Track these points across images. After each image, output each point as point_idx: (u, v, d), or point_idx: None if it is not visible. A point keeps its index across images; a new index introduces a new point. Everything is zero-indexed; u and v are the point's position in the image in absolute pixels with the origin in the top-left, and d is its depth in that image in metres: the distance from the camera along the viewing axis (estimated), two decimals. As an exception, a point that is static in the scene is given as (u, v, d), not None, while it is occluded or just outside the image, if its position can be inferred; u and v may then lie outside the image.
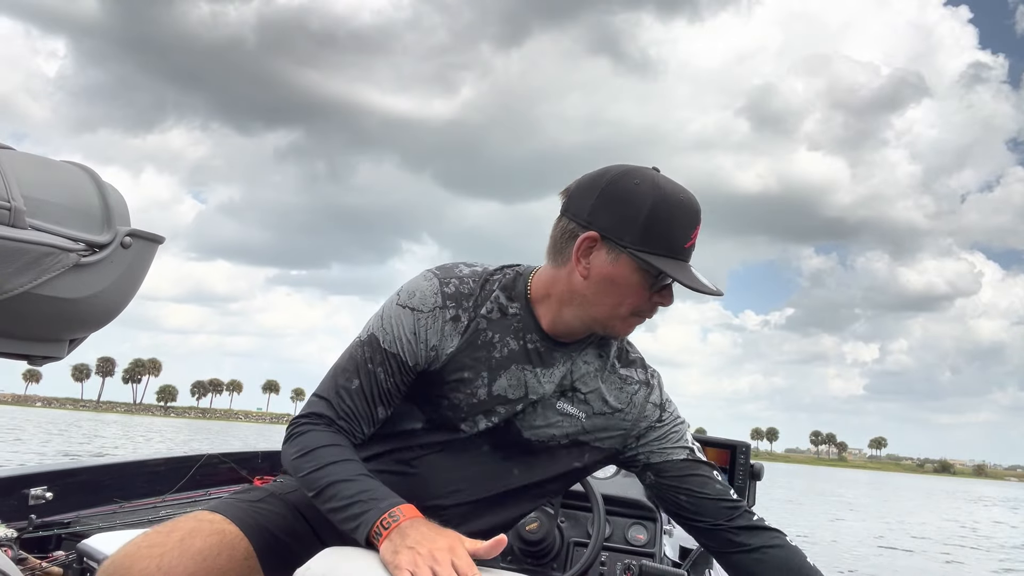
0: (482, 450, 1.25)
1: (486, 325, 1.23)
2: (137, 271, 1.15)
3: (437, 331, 1.21)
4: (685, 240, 1.18)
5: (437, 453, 1.25)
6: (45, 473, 2.31)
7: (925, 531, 17.45)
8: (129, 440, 23.48)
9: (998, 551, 14.18)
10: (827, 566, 1.24)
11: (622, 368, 1.32)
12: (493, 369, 1.23)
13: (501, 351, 1.23)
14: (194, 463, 2.90)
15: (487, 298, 1.24)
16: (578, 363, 1.27)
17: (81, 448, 18.80)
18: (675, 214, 1.16)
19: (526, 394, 1.24)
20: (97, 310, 1.09)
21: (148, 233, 1.14)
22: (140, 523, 2.35)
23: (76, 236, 1.02)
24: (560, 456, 1.28)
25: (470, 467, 1.25)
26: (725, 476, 1.84)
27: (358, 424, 1.20)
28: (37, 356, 1.09)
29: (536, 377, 1.24)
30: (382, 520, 1.02)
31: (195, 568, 1.05)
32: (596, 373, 1.29)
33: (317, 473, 1.11)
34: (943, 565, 11.40)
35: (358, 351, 1.22)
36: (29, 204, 0.95)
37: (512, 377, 1.23)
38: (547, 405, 1.25)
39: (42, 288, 0.97)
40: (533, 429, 1.25)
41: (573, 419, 1.27)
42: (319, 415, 1.19)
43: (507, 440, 1.25)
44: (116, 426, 42.20)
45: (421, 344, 1.21)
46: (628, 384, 1.31)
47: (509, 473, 1.27)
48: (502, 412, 1.23)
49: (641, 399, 1.32)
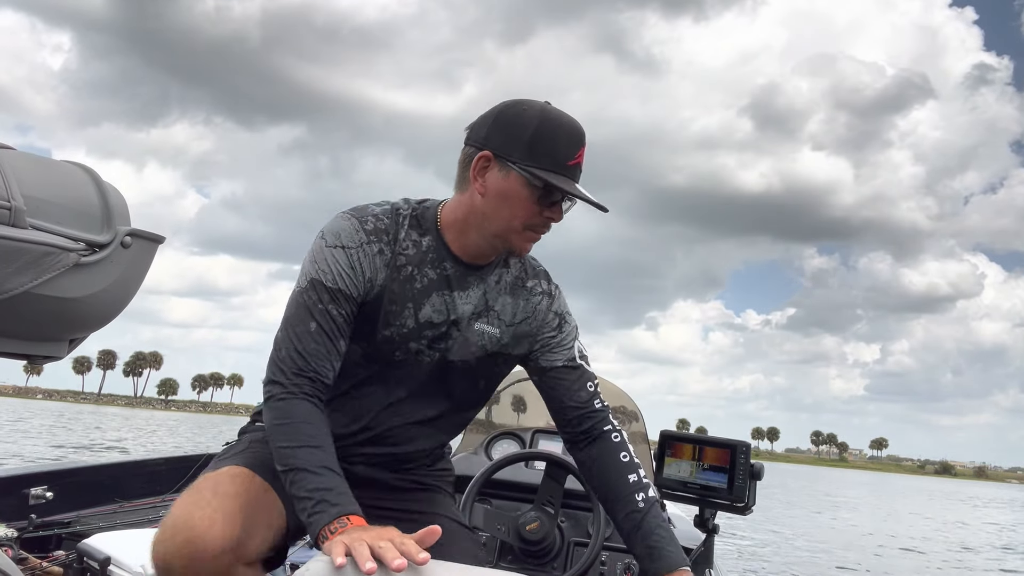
0: (415, 375, 1.36)
1: (404, 260, 1.33)
2: (137, 271, 1.15)
3: (369, 263, 1.31)
4: (569, 157, 1.29)
5: (376, 382, 1.36)
6: (45, 473, 2.31)
7: (924, 531, 17.45)
8: (141, 432, 23.43)
9: (995, 552, 14.18)
10: (826, 565, 1.24)
11: (528, 281, 1.46)
12: (416, 299, 1.33)
13: (421, 281, 1.34)
14: (194, 463, 2.90)
15: (400, 233, 1.35)
16: (490, 283, 1.40)
17: (90, 441, 18.79)
18: (559, 133, 1.28)
19: (448, 318, 1.35)
20: (97, 310, 1.10)
21: (148, 233, 1.14)
22: (140, 523, 2.35)
23: (76, 236, 1.02)
24: (481, 370, 1.42)
25: (406, 391, 1.37)
26: (725, 476, 1.85)
27: (327, 362, 1.26)
28: (37, 356, 1.09)
29: (454, 300, 1.36)
30: (330, 526, 1.09)
31: (237, 506, 1.17)
32: (506, 289, 1.42)
33: (288, 451, 1.18)
34: (942, 566, 11.40)
35: (303, 298, 1.28)
36: (29, 204, 0.95)
37: (434, 304, 1.34)
38: (467, 327, 1.37)
39: (42, 288, 0.97)
40: (457, 350, 1.37)
41: (491, 336, 1.39)
42: (295, 373, 1.24)
43: (436, 363, 1.37)
44: (119, 419, 42.24)
45: (359, 276, 1.30)
46: (533, 295, 1.45)
47: (440, 394, 1.40)
48: (430, 335, 1.35)
49: (544, 308, 1.45)
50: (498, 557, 1.85)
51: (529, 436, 2.15)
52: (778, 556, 9.91)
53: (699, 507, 1.91)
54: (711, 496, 1.87)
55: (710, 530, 1.91)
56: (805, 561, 9.81)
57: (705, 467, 1.88)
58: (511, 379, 2.46)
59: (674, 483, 1.91)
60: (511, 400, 2.46)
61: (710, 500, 1.88)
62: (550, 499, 1.82)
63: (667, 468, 1.92)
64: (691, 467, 1.89)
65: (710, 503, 1.89)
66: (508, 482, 1.95)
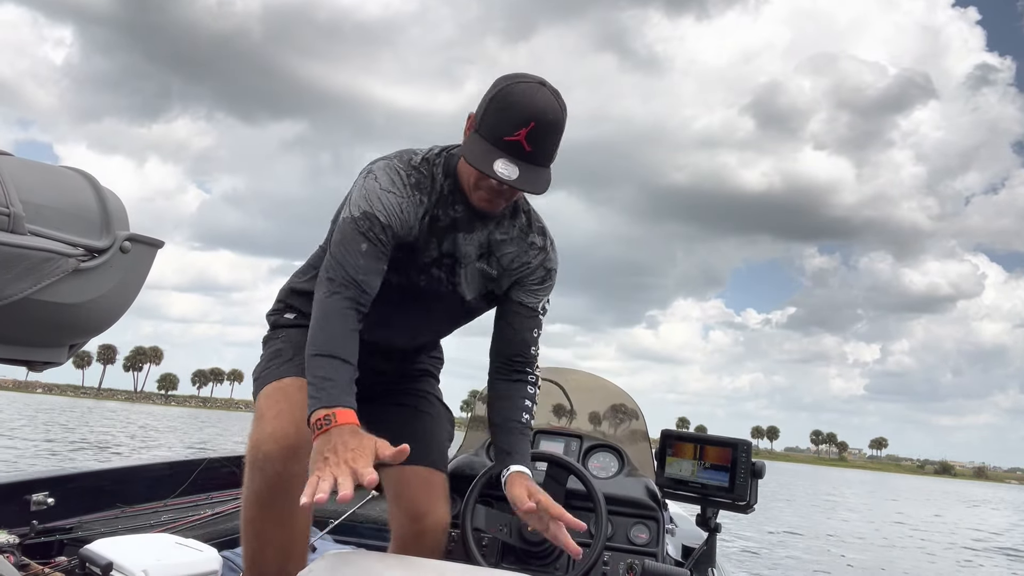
0: (430, 300, 1.62)
1: (435, 203, 1.55)
2: (136, 276, 1.15)
3: (412, 212, 1.52)
4: (506, 134, 1.38)
5: (403, 306, 1.61)
6: (46, 479, 2.31)
7: (924, 530, 17.45)
8: (158, 433, 23.47)
9: (994, 552, 14.18)
10: (825, 564, 1.24)
11: (529, 236, 1.66)
12: (439, 235, 1.57)
13: (444, 221, 1.57)
14: (195, 467, 2.89)
15: (436, 184, 1.56)
16: (495, 232, 1.61)
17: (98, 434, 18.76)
18: (508, 111, 1.39)
19: (455, 253, 1.58)
20: (97, 315, 1.09)
21: (147, 238, 1.14)
22: (142, 527, 2.35)
23: (75, 241, 1.02)
24: (477, 304, 1.66)
25: (422, 312, 1.65)
26: (727, 475, 1.85)
27: (373, 278, 1.47)
28: (37, 361, 1.09)
29: (464, 240, 1.58)
30: (321, 418, 1.29)
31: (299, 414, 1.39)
32: (510, 240, 1.63)
33: (319, 339, 1.41)
34: (942, 565, 11.40)
35: (356, 224, 1.48)
36: (28, 210, 0.95)
37: (450, 241, 1.58)
38: (471, 265, 1.61)
39: (42, 294, 0.97)
40: (465, 284, 1.61)
41: (489, 277, 1.63)
42: (345, 279, 1.44)
43: (448, 292, 1.62)
44: (126, 413, 42.13)
45: (406, 221, 1.52)
46: (532, 248, 1.65)
47: (447, 318, 1.71)
48: (448, 264, 1.59)
49: (537, 262, 1.67)
50: (500, 558, 1.85)
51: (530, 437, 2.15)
52: (780, 553, 9.91)
53: (701, 506, 1.92)
54: (713, 495, 1.87)
55: (712, 529, 1.91)
56: (805, 561, 9.81)
57: (706, 466, 1.88)
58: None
59: (675, 482, 1.91)
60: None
61: (712, 499, 1.88)
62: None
63: (668, 467, 1.92)
64: (692, 466, 1.89)
65: (712, 502, 1.89)
66: (509, 483, 1.95)
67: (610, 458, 2.12)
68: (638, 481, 2.02)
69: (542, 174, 1.41)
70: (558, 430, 2.21)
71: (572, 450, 2.12)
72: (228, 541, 2.46)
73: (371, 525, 2.67)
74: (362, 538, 2.59)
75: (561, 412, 2.45)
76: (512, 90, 1.39)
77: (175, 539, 2.00)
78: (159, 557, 1.82)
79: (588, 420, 2.46)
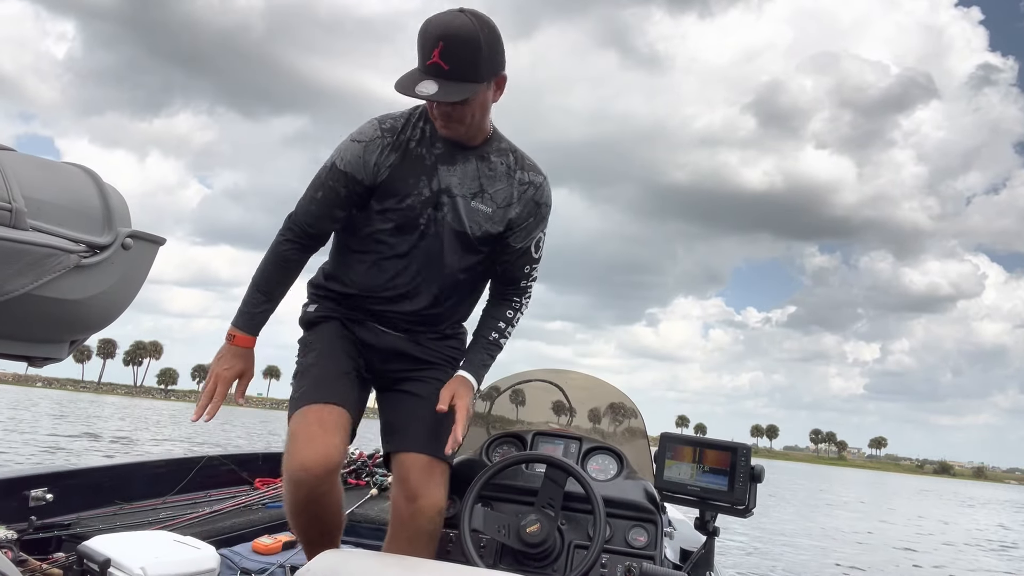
0: (436, 241, 1.75)
1: (414, 145, 1.73)
2: (138, 272, 1.15)
3: (378, 154, 1.71)
4: (426, 58, 1.56)
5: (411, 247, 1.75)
6: (45, 475, 2.31)
7: (924, 531, 17.46)
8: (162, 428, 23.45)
9: (993, 552, 14.18)
10: (825, 564, 1.24)
11: (519, 171, 1.78)
12: (428, 173, 1.72)
13: (428, 159, 1.73)
14: (195, 465, 2.90)
15: (410, 126, 1.74)
16: (483, 168, 1.75)
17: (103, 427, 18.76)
18: (423, 35, 1.57)
19: (446, 188, 1.72)
20: (98, 311, 1.09)
21: (149, 235, 1.14)
22: (140, 524, 2.35)
23: (77, 237, 1.02)
24: (481, 241, 1.77)
25: (434, 258, 1.76)
26: (726, 479, 1.85)
27: (321, 222, 1.77)
28: (38, 357, 1.09)
29: (449, 173, 1.73)
30: (228, 333, 1.77)
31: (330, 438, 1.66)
32: (501, 177, 1.76)
33: (257, 271, 1.79)
34: (940, 565, 11.40)
35: (323, 174, 1.75)
36: (30, 205, 0.95)
37: (438, 179, 1.72)
38: (465, 201, 1.74)
39: (43, 289, 0.97)
40: (464, 218, 1.74)
41: (484, 214, 1.75)
42: (295, 224, 1.77)
43: (449, 229, 1.74)
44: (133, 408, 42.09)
45: (367, 165, 1.71)
46: (522, 184, 1.78)
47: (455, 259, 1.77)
48: (446, 202, 1.73)
49: (529, 197, 1.79)
50: (499, 559, 1.85)
51: (529, 438, 2.15)
52: (777, 555, 9.91)
53: (699, 509, 1.91)
54: (711, 498, 1.87)
55: (710, 532, 1.91)
56: (805, 560, 9.81)
57: (705, 469, 1.88)
58: (512, 380, 2.46)
59: (675, 485, 1.90)
60: (510, 395, 2.46)
61: (710, 502, 1.88)
62: (550, 501, 1.82)
63: (668, 470, 1.92)
64: (691, 469, 1.89)
65: (710, 505, 1.89)
66: (508, 485, 1.95)
67: (609, 460, 2.12)
68: (637, 484, 2.02)
69: (463, 87, 1.57)
70: (557, 432, 2.21)
71: (571, 452, 2.12)
72: (226, 539, 2.46)
73: (370, 525, 2.67)
74: (361, 538, 2.59)
75: (561, 410, 2.45)
76: (428, 20, 1.58)
77: (173, 536, 2.00)
78: (157, 554, 1.82)
79: (588, 418, 2.46)
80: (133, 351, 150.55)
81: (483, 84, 1.61)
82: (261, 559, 2.31)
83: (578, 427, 2.39)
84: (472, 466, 2.00)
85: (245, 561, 2.29)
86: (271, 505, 2.82)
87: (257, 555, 2.34)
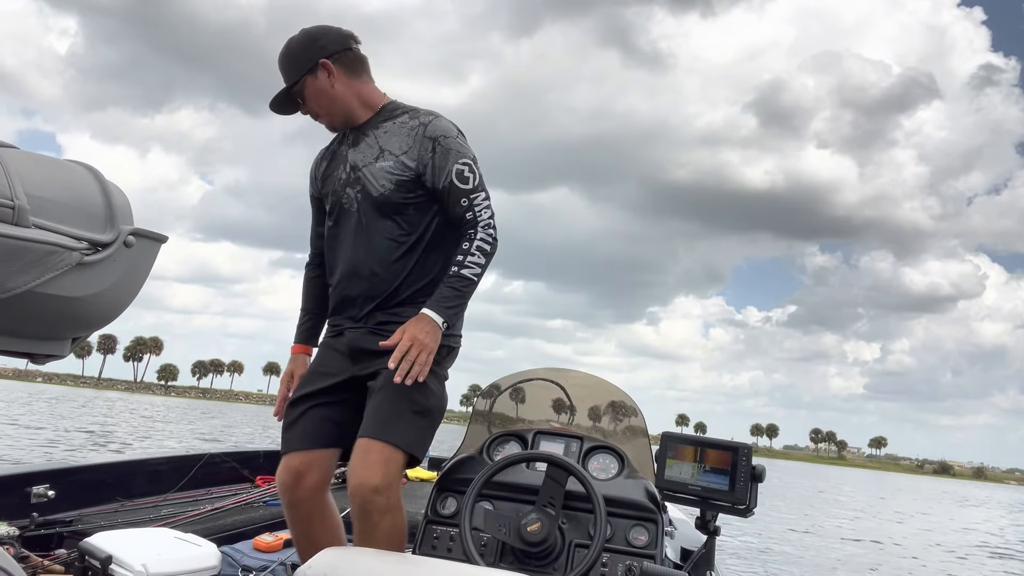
0: (356, 215, 1.89)
1: (338, 146, 1.99)
2: (140, 270, 1.14)
3: (315, 165, 2.05)
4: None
5: (341, 231, 1.92)
6: (47, 471, 2.32)
7: (923, 531, 17.45)
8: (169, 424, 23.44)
9: (991, 552, 14.18)
10: (825, 565, 1.24)
11: (412, 120, 1.89)
12: (342, 162, 1.94)
13: (342, 151, 1.96)
14: (196, 462, 2.90)
15: (345, 132, 1.98)
16: (378, 134, 1.90)
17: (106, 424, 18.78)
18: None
19: (353, 164, 1.90)
20: (100, 309, 1.09)
21: (151, 232, 1.14)
22: (142, 522, 2.35)
23: (79, 235, 1.01)
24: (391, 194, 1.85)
25: (359, 231, 1.88)
26: (727, 478, 1.85)
27: (319, 241, 2.04)
28: (40, 355, 1.09)
29: (354, 152, 1.91)
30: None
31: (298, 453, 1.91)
32: (396, 132, 1.88)
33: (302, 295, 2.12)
34: (940, 565, 11.41)
35: None
36: (33, 203, 0.95)
37: (348, 160, 1.92)
38: (370, 166, 1.87)
39: (45, 287, 0.96)
40: (371, 182, 1.86)
41: (386, 169, 1.85)
42: (310, 246, 2.13)
43: (363, 197, 1.87)
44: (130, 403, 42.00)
45: (315, 178, 2.04)
46: (413, 129, 1.87)
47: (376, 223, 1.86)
48: (357, 177, 1.88)
49: (420, 135, 1.86)
50: (499, 558, 1.85)
51: (531, 437, 2.15)
52: (777, 554, 9.92)
53: (700, 509, 1.91)
54: (712, 498, 1.87)
55: (711, 532, 1.91)
56: (804, 560, 9.81)
57: (706, 469, 1.88)
58: (513, 379, 2.46)
59: (676, 484, 1.90)
60: (510, 393, 2.47)
61: (711, 502, 1.88)
62: (551, 500, 1.82)
63: (668, 470, 1.92)
64: (692, 469, 1.89)
65: (711, 505, 1.89)
66: (509, 483, 1.95)
67: (610, 460, 2.12)
68: (638, 483, 2.02)
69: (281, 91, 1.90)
70: (558, 431, 2.21)
71: (572, 451, 2.12)
72: (228, 536, 2.46)
73: None
74: None
75: (561, 408, 2.45)
76: None
77: (175, 534, 2.00)
78: (159, 551, 1.83)
79: (588, 417, 2.46)
80: (133, 347, 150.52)
81: (299, 79, 1.87)
82: (262, 557, 2.31)
83: (579, 426, 2.39)
84: (473, 464, 2.00)
85: (246, 559, 2.29)
86: (272, 503, 2.82)
87: (258, 553, 2.34)
